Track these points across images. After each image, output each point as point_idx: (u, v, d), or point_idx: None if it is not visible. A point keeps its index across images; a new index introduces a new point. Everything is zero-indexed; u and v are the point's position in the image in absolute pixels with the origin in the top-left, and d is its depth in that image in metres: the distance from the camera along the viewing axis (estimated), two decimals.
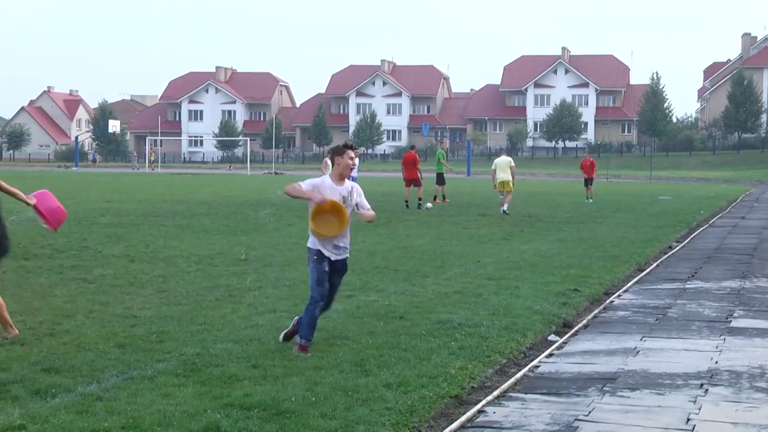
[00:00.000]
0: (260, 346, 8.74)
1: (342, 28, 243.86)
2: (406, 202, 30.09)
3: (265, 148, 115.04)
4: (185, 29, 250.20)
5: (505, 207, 27.13)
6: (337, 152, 8.88)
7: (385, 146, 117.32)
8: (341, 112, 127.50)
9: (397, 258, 16.12)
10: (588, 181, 36.78)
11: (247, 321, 10.01)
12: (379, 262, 15.42)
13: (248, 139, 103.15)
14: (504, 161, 28.20)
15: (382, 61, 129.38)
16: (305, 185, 8.80)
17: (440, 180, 33.10)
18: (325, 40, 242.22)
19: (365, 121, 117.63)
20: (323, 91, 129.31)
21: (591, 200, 35.17)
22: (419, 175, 30.22)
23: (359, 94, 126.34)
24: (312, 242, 8.79)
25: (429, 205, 30.06)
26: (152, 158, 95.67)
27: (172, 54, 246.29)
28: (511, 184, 27.67)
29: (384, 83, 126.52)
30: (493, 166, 28.66)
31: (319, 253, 8.75)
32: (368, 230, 21.73)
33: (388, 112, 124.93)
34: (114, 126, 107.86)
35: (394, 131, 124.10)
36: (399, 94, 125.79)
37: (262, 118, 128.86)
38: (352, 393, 7.14)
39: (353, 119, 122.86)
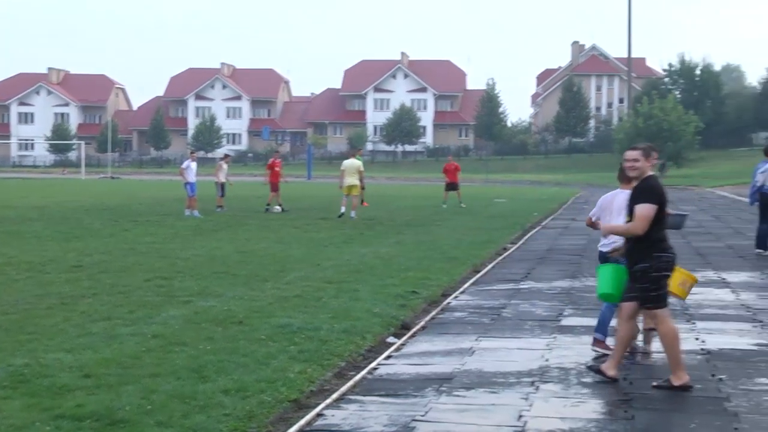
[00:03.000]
0: (94, 355, 8.51)
1: (180, 31, 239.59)
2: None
3: (100, 152, 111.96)
4: (14, 28, 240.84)
5: (353, 213, 27.15)
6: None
7: (225, 149, 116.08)
8: (180, 115, 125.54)
9: (236, 262, 15.99)
10: (450, 186, 35.19)
11: (80, 329, 9.72)
12: (219, 267, 15.26)
13: (83, 142, 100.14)
14: (352, 165, 28.08)
15: (222, 64, 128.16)
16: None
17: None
18: (163, 42, 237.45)
19: (204, 124, 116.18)
20: (161, 93, 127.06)
21: (464, 205, 33.97)
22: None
23: (198, 97, 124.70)
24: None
25: (277, 208, 30.20)
26: None
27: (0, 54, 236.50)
28: (359, 189, 27.77)
29: (224, 86, 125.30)
30: (342, 167, 28.56)
31: None
32: (207, 235, 21.50)
33: (228, 116, 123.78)
34: None
35: (234, 135, 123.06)
36: (239, 98, 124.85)
37: (97, 121, 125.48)
38: (190, 400, 7.04)
39: (192, 123, 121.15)
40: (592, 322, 10.97)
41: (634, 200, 7.80)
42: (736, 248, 19.64)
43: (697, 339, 9.84)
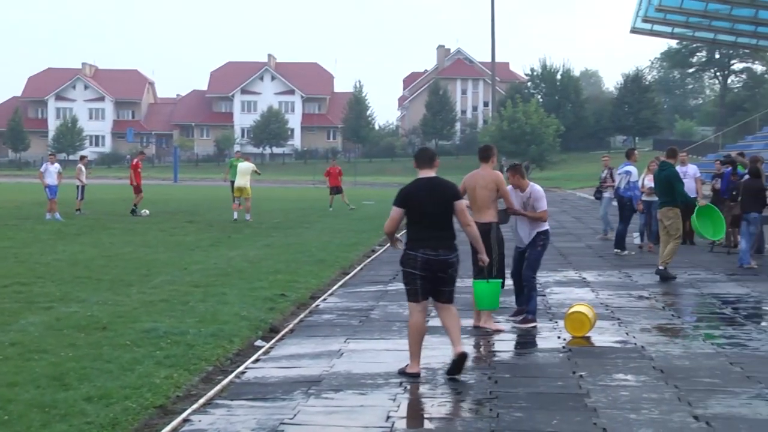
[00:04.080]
0: None
1: (39, 30, 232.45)
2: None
3: None
4: None
5: (247, 216, 27.06)
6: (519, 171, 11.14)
7: (87, 152, 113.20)
8: (39, 116, 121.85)
9: (100, 267, 15.62)
10: (334, 190, 35.45)
11: None
12: (81, 272, 14.88)
13: None
14: (244, 167, 28.00)
15: (83, 64, 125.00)
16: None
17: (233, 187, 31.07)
18: (21, 41, 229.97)
19: (66, 125, 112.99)
20: (19, 94, 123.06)
21: (352, 207, 34.07)
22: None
23: (59, 98, 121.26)
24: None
25: (145, 211, 29.83)
26: None
27: None
28: (249, 191, 27.67)
29: (85, 87, 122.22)
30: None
31: None
32: (70, 239, 20.94)
33: (91, 117, 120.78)
34: None
35: (97, 137, 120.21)
36: (102, 99, 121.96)
37: None
38: (50, 409, 6.85)
39: (53, 124, 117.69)
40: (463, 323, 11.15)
41: None
42: (596, 248, 20.27)
43: (558, 338, 10.11)
